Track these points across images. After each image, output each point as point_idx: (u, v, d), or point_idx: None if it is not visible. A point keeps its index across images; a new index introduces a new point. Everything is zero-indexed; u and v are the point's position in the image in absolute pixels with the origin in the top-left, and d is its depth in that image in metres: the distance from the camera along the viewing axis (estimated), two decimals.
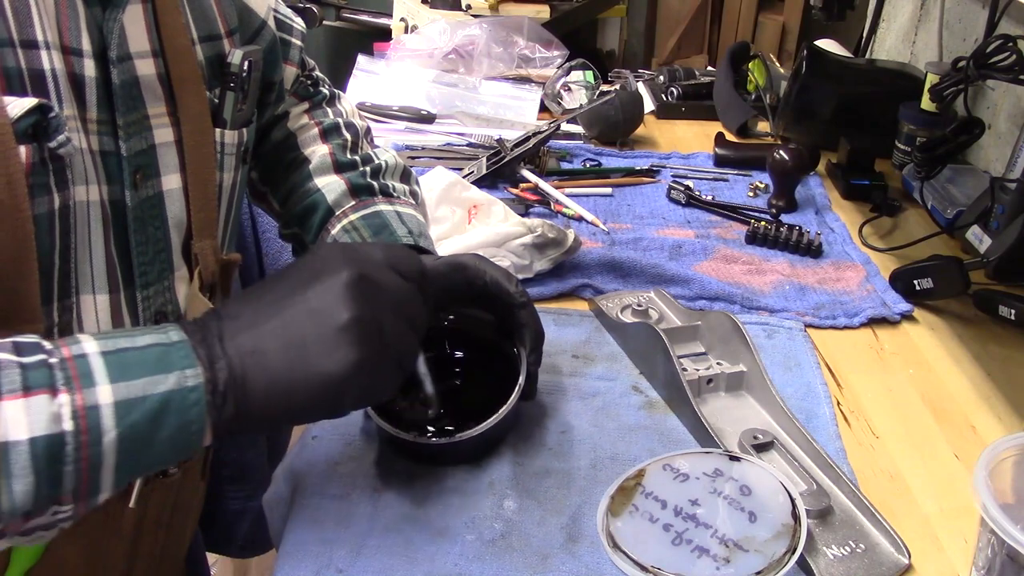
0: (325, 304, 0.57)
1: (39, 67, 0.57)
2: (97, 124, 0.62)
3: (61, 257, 0.60)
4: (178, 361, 0.54)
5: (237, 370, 0.55)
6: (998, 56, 1.17)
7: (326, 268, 0.59)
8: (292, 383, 0.56)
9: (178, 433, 0.54)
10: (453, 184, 1.18)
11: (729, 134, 1.61)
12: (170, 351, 0.54)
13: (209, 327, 0.57)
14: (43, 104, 0.56)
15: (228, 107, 0.73)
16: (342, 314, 0.57)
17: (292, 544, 0.71)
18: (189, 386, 0.54)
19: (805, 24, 2.63)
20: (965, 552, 0.73)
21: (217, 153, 0.72)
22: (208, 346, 0.55)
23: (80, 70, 0.60)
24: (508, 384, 0.79)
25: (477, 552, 0.71)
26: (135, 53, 0.64)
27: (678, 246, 1.18)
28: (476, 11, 2.20)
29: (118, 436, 0.51)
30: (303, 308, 0.57)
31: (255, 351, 0.56)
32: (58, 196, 0.58)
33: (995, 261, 1.01)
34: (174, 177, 0.68)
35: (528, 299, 0.81)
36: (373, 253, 0.61)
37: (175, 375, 0.53)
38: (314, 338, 0.56)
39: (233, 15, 0.76)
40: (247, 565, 1.80)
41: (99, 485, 0.52)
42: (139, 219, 0.65)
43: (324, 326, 0.57)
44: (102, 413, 0.51)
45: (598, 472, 0.79)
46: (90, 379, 0.51)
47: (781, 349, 0.98)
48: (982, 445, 0.75)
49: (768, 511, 0.70)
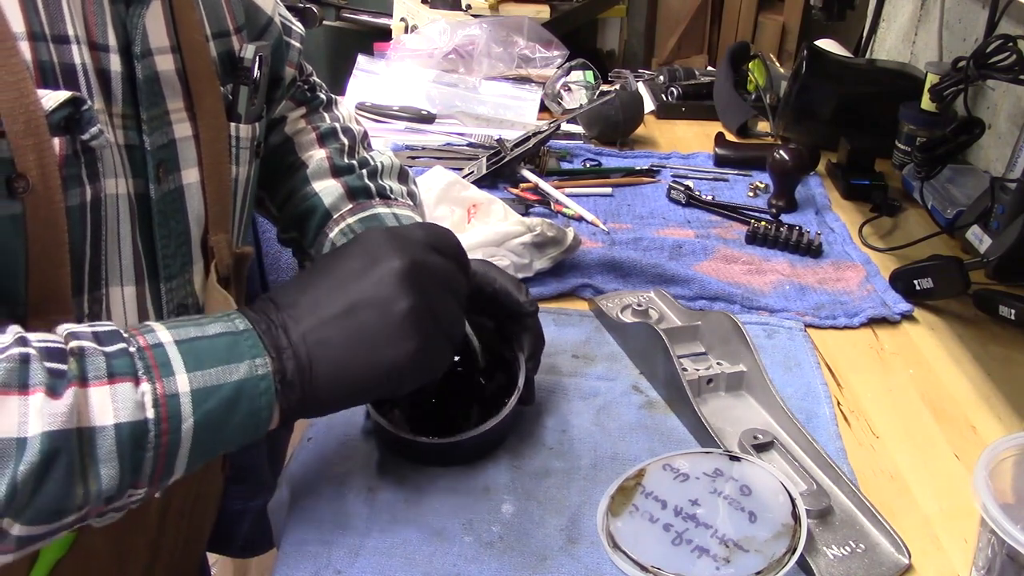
0: (384, 294, 0.60)
1: (70, 61, 0.58)
2: (123, 119, 0.63)
3: (92, 249, 0.61)
4: (247, 351, 0.57)
5: (304, 359, 0.58)
6: (998, 56, 1.17)
7: (379, 256, 0.61)
8: (358, 371, 0.60)
9: (248, 419, 0.57)
10: (452, 183, 1.18)
11: (729, 134, 1.61)
12: (239, 340, 0.57)
13: (271, 317, 0.60)
14: (76, 97, 0.57)
15: (242, 101, 0.74)
16: (401, 304, 0.60)
17: (291, 544, 0.71)
18: (259, 374, 0.57)
19: (805, 24, 2.63)
20: (965, 552, 0.73)
21: (232, 147, 0.73)
22: (273, 336, 0.58)
23: (107, 65, 0.61)
24: (505, 388, 0.80)
25: (476, 553, 0.71)
26: (156, 49, 0.65)
27: (678, 246, 1.18)
28: (476, 11, 2.20)
29: (195, 423, 0.54)
30: (363, 298, 0.60)
31: (320, 341, 0.59)
32: (90, 188, 0.59)
33: (995, 261, 1.01)
34: (193, 171, 0.69)
35: (537, 308, 0.82)
36: (416, 235, 0.64)
37: (246, 364, 0.56)
38: (377, 328, 0.60)
39: (240, 12, 0.77)
40: (247, 565, 1.80)
41: (173, 469, 0.55)
42: (163, 212, 0.66)
43: (386, 315, 0.60)
44: (181, 401, 0.54)
45: (598, 472, 0.79)
46: (168, 368, 0.54)
47: (781, 349, 0.98)
48: (982, 445, 0.75)
49: (768, 511, 0.70)
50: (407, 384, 0.63)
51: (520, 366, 0.80)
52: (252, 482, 1.28)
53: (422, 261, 0.62)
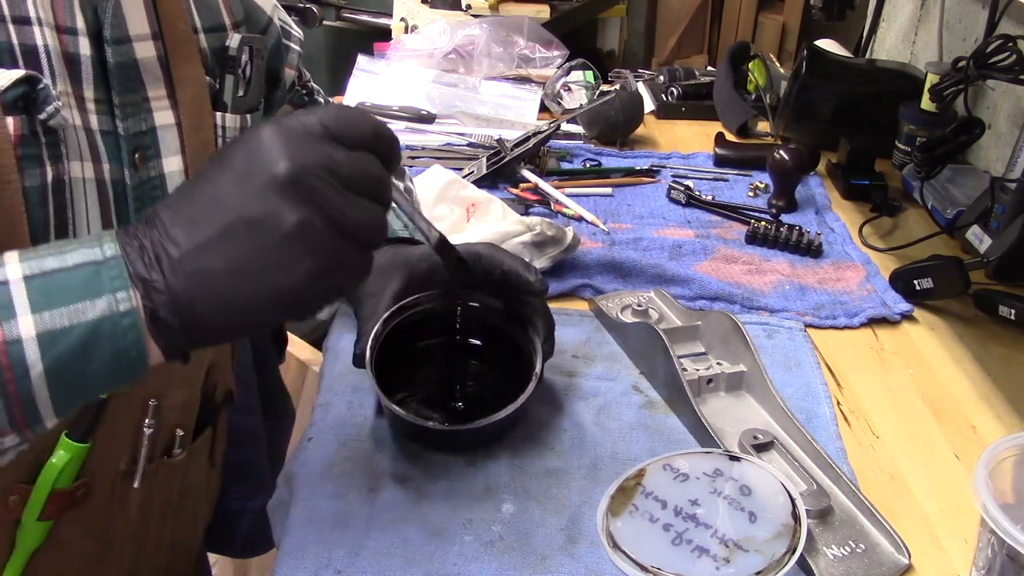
0: (264, 210, 0.49)
1: (31, 42, 0.59)
2: (95, 103, 0.63)
3: (58, 232, 0.60)
4: (108, 283, 0.50)
5: (179, 293, 0.50)
6: (998, 56, 1.17)
7: (256, 162, 0.50)
8: (246, 302, 0.51)
9: (114, 360, 0.50)
10: (451, 182, 1.18)
11: (729, 134, 1.60)
12: (100, 271, 0.50)
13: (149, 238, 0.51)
14: (31, 75, 0.57)
15: (228, 90, 0.74)
16: (286, 220, 0.49)
17: (291, 545, 0.71)
18: (121, 311, 0.49)
19: (805, 24, 2.63)
20: (965, 552, 0.73)
21: (218, 136, 0.73)
22: (146, 263, 0.50)
23: (75, 49, 0.62)
24: (518, 370, 0.81)
25: (476, 552, 0.71)
26: (135, 36, 0.66)
27: (678, 246, 1.18)
28: (476, 11, 2.20)
29: (46, 369, 0.49)
30: (241, 216, 0.50)
31: (197, 271, 0.50)
32: (51, 169, 0.59)
33: (995, 261, 1.01)
34: (175, 159, 0.69)
35: (547, 287, 0.82)
36: (310, 125, 0.51)
37: (104, 300, 0.49)
38: (260, 252, 0.50)
39: (239, 10, 0.77)
40: (247, 565, 1.80)
41: (38, 416, 0.51)
42: (140, 199, 0.66)
43: (269, 236, 0.50)
44: (25, 348, 0.48)
45: (598, 472, 0.79)
46: (10, 310, 0.48)
47: (781, 349, 0.98)
48: (982, 445, 0.75)
49: (768, 511, 0.70)
50: (312, 306, 0.54)
51: (536, 349, 0.80)
52: (252, 482, 1.28)
53: (316, 161, 0.50)
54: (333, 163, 0.50)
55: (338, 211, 0.50)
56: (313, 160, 0.50)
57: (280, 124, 0.51)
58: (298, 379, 1.69)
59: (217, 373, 0.80)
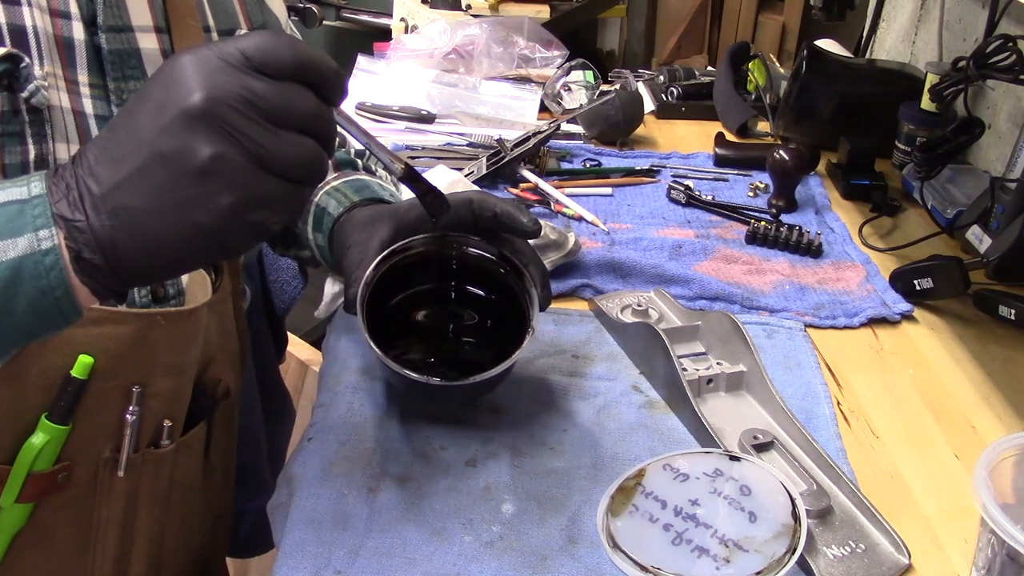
0: (176, 146, 0.48)
1: (20, 23, 0.59)
2: (89, 87, 0.64)
3: None
4: (31, 221, 0.49)
5: (101, 232, 0.49)
6: (998, 56, 1.17)
7: (171, 94, 0.48)
8: (168, 240, 0.49)
9: (39, 299, 0.49)
10: (455, 183, 1.19)
11: (729, 134, 1.61)
12: (25, 209, 0.49)
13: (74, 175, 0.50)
14: (13, 54, 0.58)
15: None
16: (200, 154, 0.47)
17: (291, 545, 0.71)
18: (42, 249, 0.49)
19: (805, 24, 2.63)
20: (965, 552, 0.73)
21: None
22: (71, 201, 0.49)
23: (68, 32, 0.62)
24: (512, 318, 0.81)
25: (476, 552, 0.71)
26: (137, 26, 0.66)
27: (678, 246, 1.18)
28: (476, 11, 2.20)
29: None
30: (158, 150, 0.48)
31: (118, 208, 0.49)
32: (33, 148, 0.60)
33: (995, 261, 1.01)
34: None
35: (540, 228, 0.81)
36: (231, 53, 0.49)
37: (26, 238, 0.49)
38: (172, 189, 0.48)
39: (259, 15, 0.78)
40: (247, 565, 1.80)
41: None
42: None
43: (180, 173, 0.48)
44: None
45: (598, 472, 0.79)
46: None
47: (781, 349, 0.98)
48: (982, 445, 0.75)
49: (768, 511, 0.70)
50: (238, 246, 0.52)
51: (532, 300, 0.80)
52: (252, 482, 1.28)
53: (232, 92, 0.47)
54: (252, 94, 0.48)
55: (258, 144, 0.48)
56: (229, 91, 0.48)
57: (197, 53, 0.49)
58: (298, 379, 1.69)
59: (217, 367, 0.80)
